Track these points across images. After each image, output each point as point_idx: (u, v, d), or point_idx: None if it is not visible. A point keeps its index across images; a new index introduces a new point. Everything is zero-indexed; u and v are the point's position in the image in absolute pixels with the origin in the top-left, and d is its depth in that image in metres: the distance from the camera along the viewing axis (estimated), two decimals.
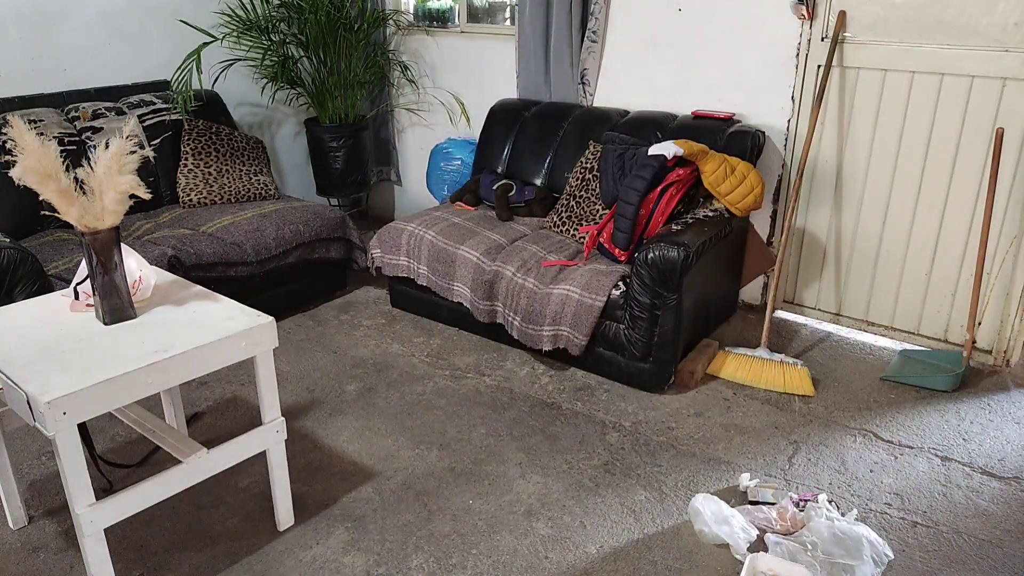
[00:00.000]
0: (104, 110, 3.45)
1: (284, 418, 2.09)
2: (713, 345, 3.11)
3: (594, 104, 3.78)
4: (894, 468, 2.45)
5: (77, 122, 3.37)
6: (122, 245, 1.89)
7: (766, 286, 3.55)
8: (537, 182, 3.67)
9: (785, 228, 3.16)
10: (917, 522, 2.21)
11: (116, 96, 3.58)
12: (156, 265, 2.72)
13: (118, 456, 2.51)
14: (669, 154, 2.88)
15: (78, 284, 2.01)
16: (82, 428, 1.93)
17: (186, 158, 3.58)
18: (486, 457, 2.51)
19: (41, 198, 1.81)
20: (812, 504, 2.19)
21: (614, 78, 3.70)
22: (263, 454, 2.09)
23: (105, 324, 1.91)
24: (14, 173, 1.76)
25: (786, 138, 3.30)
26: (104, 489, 2.30)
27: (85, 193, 1.82)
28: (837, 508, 2.20)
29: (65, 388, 1.61)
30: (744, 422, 2.70)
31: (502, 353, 3.20)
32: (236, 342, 1.89)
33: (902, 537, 2.15)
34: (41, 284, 2.58)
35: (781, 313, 3.55)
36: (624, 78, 3.67)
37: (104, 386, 1.66)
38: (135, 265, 2.02)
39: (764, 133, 3.25)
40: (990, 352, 3.07)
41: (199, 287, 2.16)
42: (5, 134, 3.08)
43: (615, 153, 3.12)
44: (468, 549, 2.11)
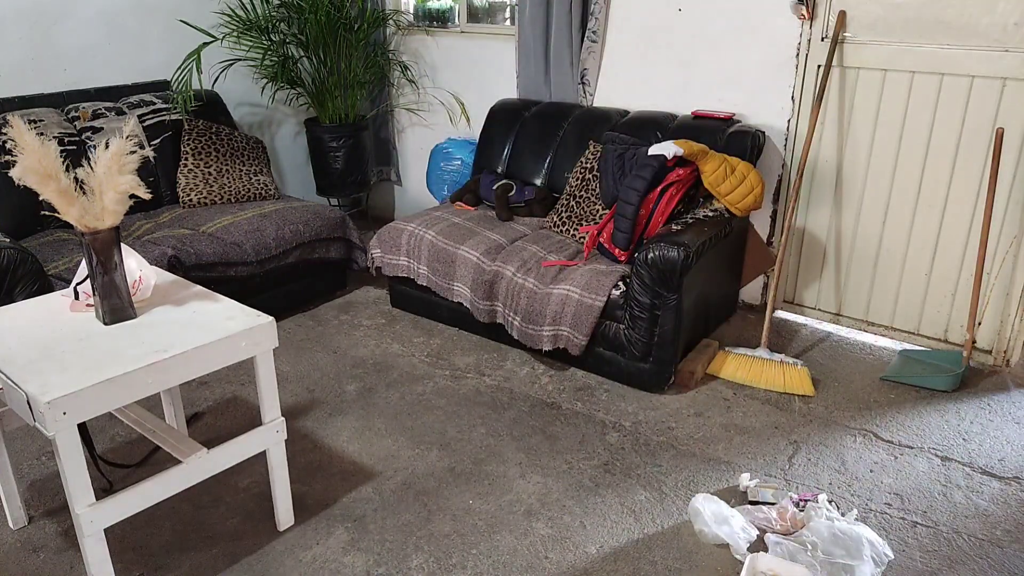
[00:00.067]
0: (104, 110, 3.45)
1: (284, 418, 2.09)
2: (713, 345, 3.11)
3: (594, 104, 3.78)
4: (894, 468, 2.45)
5: (77, 122, 3.37)
6: (122, 245, 1.90)
7: (766, 286, 3.55)
8: (537, 182, 3.67)
9: (785, 228, 3.16)
10: (917, 522, 2.21)
11: (116, 96, 3.58)
12: (156, 265, 2.72)
13: (118, 456, 2.51)
14: (669, 154, 2.88)
15: (78, 284, 2.01)
16: (82, 428, 1.93)
17: (186, 158, 3.58)
18: (486, 457, 2.51)
19: (41, 198, 1.81)
20: (812, 504, 2.19)
21: (614, 78, 3.70)
22: (263, 454, 2.10)
23: (105, 324, 1.91)
24: (14, 173, 1.77)
25: (786, 138, 3.30)
26: (104, 489, 2.30)
27: (85, 193, 1.82)
28: (837, 508, 2.20)
29: (65, 388, 1.61)
30: (744, 422, 2.70)
31: (502, 353, 3.20)
32: (236, 342, 1.89)
33: (902, 537, 2.15)
34: (41, 284, 2.58)
35: (781, 313, 3.55)
36: (624, 78, 3.67)
37: (104, 386, 1.66)
38: (135, 265, 2.02)
39: (764, 133, 3.25)
40: (990, 352, 3.07)
41: (199, 287, 2.16)
42: (5, 134, 3.08)
43: (615, 153, 3.12)
44: (468, 549, 2.11)
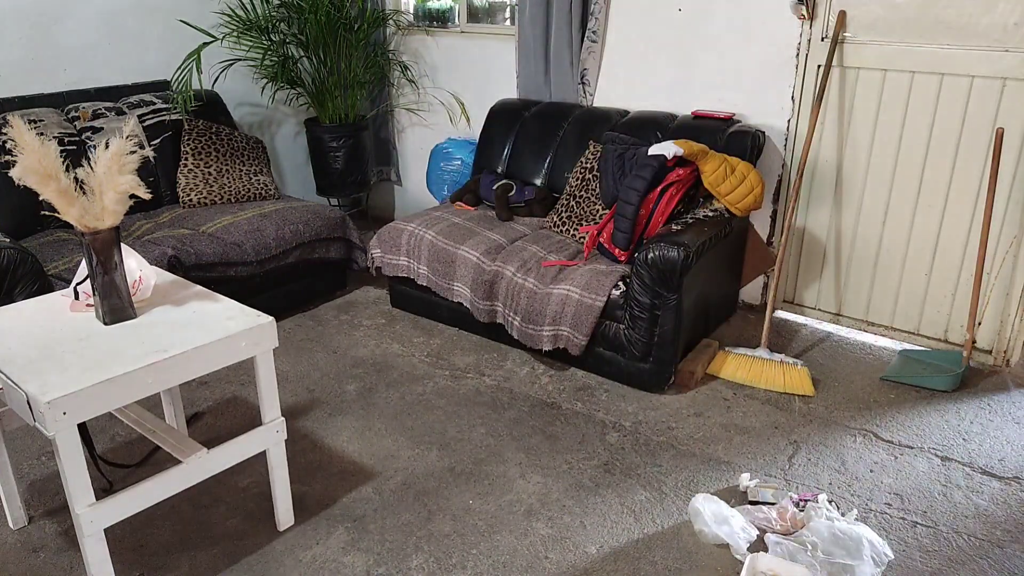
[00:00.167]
0: (104, 110, 3.45)
1: (284, 418, 2.09)
2: (713, 345, 3.11)
3: (594, 104, 3.78)
4: (894, 468, 2.45)
5: (77, 122, 3.37)
6: (122, 245, 1.90)
7: (766, 286, 3.55)
8: (537, 182, 3.67)
9: (785, 228, 3.16)
10: (917, 522, 2.21)
11: (116, 96, 3.58)
12: (156, 265, 2.72)
13: (118, 456, 2.51)
14: (669, 154, 2.88)
15: (78, 284, 2.01)
16: (82, 428, 1.93)
17: (186, 158, 3.58)
18: (486, 457, 2.51)
19: (41, 198, 1.81)
20: (812, 504, 2.19)
21: (614, 78, 3.70)
22: (263, 454, 2.10)
23: (105, 324, 1.91)
24: (14, 173, 1.77)
25: (786, 138, 3.30)
26: (104, 489, 2.30)
27: (85, 193, 1.82)
28: (837, 508, 2.20)
29: (65, 388, 1.61)
30: (744, 422, 2.70)
31: (502, 353, 3.20)
32: (236, 342, 1.89)
33: (902, 537, 2.15)
34: (41, 284, 2.58)
35: (781, 313, 3.55)
36: (624, 78, 3.67)
37: (104, 386, 1.66)
38: (135, 265, 2.02)
39: (764, 133, 3.25)
40: (990, 352, 3.07)
41: (199, 287, 2.16)
42: (5, 134, 3.09)
43: (615, 153, 3.12)
44: (468, 549, 2.11)
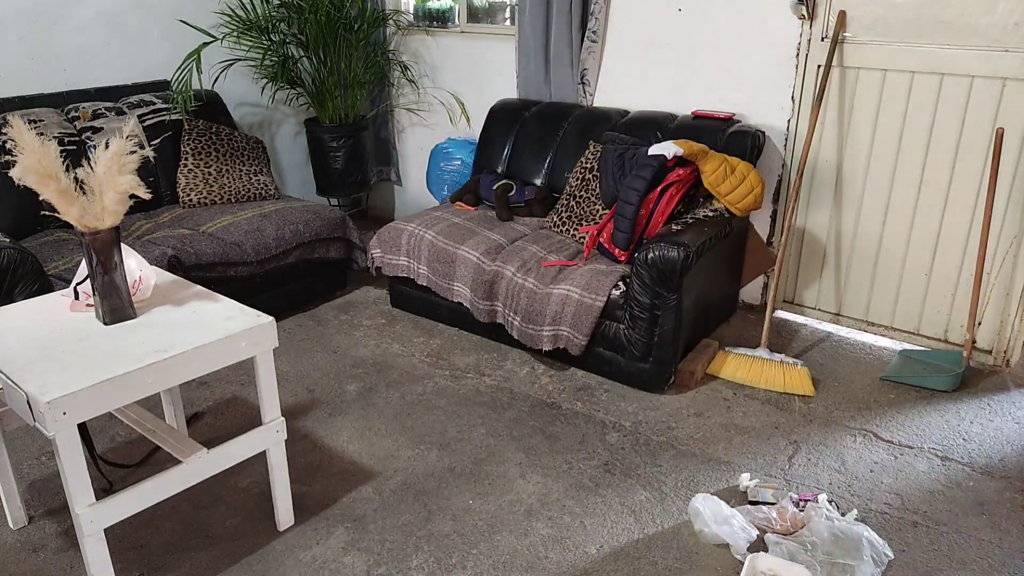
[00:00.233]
0: (104, 110, 3.45)
1: (284, 418, 2.09)
2: (713, 345, 3.11)
3: (594, 104, 3.78)
4: (894, 468, 2.45)
5: (77, 122, 3.37)
6: (122, 245, 1.90)
7: (766, 286, 3.55)
8: (537, 182, 3.67)
9: (785, 228, 3.16)
10: (917, 522, 2.21)
11: (116, 96, 3.58)
12: (156, 265, 2.72)
13: (118, 456, 2.51)
14: (669, 154, 2.88)
15: (78, 284, 2.01)
16: (82, 428, 1.94)
17: (186, 158, 3.58)
18: (486, 457, 2.51)
19: (41, 198, 1.81)
20: (812, 504, 2.19)
21: (614, 78, 3.70)
22: (263, 454, 2.10)
23: (105, 324, 1.91)
24: (14, 173, 1.77)
25: (786, 138, 3.30)
26: (104, 489, 2.30)
27: (85, 193, 1.82)
28: (837, 508, 2.20)
29: (65, 388, 1.61)
30: (744, 422, 2.70)
31: (502, 353, 3.20)
32: (236, 342, 1.89)
33: (902, 537, 2.15)
34: (41, 284, 2.58)
35: (781, 313, 3.55)
36: (624, 78, 3.67)
37: (104, 386, 1.66)
38: (135, 265, 2.02)
39: (764, 133, 3.25)
40: (990, 352, 3.07)
41: (199, 287, 2.16)
42: (5, 134, 3.08)
43: (615, 153, 3.12)
44: (468, 549, 2.11)
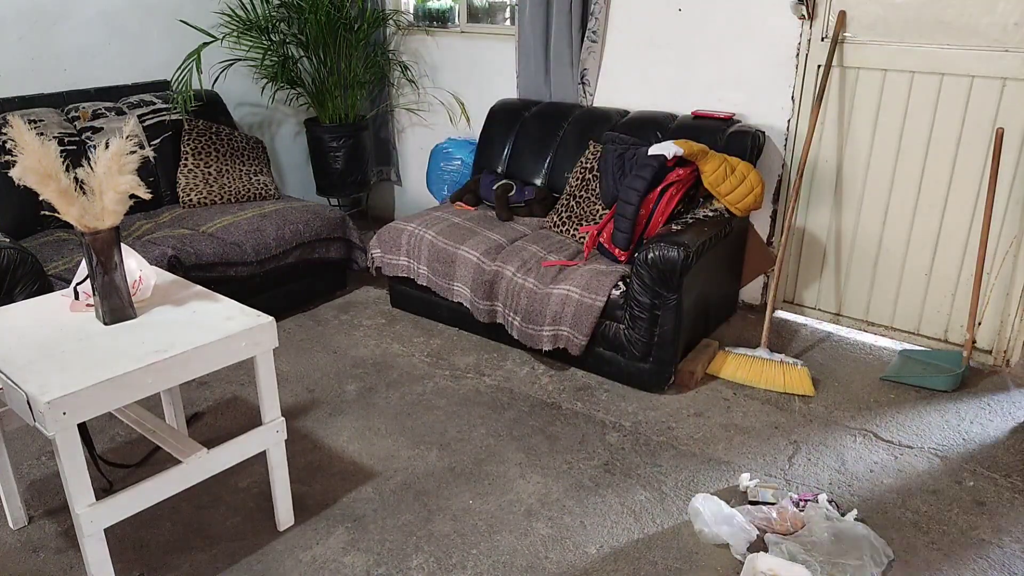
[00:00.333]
0: (104, 110, 3.45)
1: (284, 418, 2.09)
2: (713, 345, 3.11)
3: (594, 104, 3.78)
4: (894, 468, 2.45)
5: (77, 122, 3.37)
6: (122, 245, 1.90)
7: (766, 286, 3.55)
8: (537, 182, 3.67)
9: (785, 228, 3.16)
10: (917, 522, 2.21)
11: (116, 96, 3.58)
12: (156, 265, 2.72)
13: (118, 456, 2.51)
14: (669, 154, 2.88)
15: (78, 284, 2.01)
16: (82, 428, 1.94)
17: (186, 158, 3.58)
18: (486, 457, 2.51)
19: (41, 198, 1.81)
20: (812, 504, 2.19)
21: (614, 78, 3.70)
22: (263, 454, 2.10)
23: (105, 324, 1.91)
24: (14, 173, 1.77)
25: (786, 138, 3.30)
26: (104, 489, 2.30)
27: (85, 193, 1.82)
28: (837, 508, 2.20)
29: (65, 388, 1.61)
30: (744, 422, 2.70)
31: (502, 353, 3.20)
32: (236, 342, 1.89)
33: (902, 537, 2.15)
34: (41, 284, 2.58)
35: (781, 313, 3.55)
36: (624, 78, 3.67)
37: (104, 386, 1.66)
38: (135, 265, 2.02)
39: (764, 133, 3.25)
40: (990, 352, 3.07)
41: (199, 287, 2.16)
42: (5, 134, 3.08)
43: (615, 153, 3.12)
44: (468, 549, 2.11)
